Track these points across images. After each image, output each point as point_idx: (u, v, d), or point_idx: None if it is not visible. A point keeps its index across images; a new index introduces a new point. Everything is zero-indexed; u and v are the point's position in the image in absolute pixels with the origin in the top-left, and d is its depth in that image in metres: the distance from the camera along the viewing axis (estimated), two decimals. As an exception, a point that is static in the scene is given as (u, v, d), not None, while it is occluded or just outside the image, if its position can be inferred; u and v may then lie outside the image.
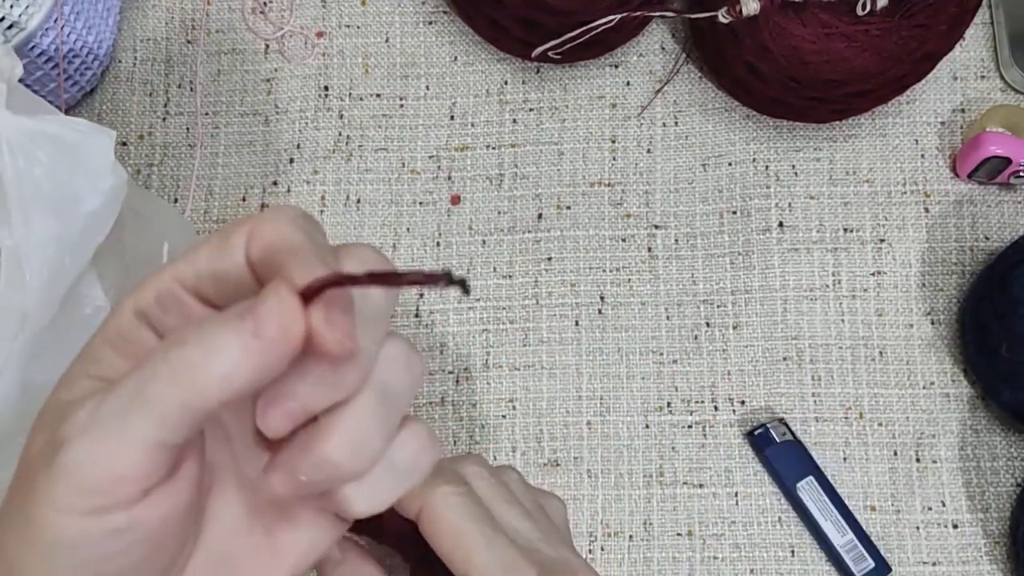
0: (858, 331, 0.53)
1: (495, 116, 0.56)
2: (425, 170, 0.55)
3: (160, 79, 0.56)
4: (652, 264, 0.54)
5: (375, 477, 0.26)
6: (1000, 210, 0.55)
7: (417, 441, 0.27)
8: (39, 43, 0.48)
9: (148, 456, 0.23)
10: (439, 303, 0.53)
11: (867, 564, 0.49)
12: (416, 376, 0.27)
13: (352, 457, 0.25)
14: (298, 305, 0.23)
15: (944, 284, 0.54)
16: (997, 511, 0.51)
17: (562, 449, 0.52)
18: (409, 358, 0.26)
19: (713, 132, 0.56)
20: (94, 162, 0.35)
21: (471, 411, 0.52)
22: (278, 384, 0.24)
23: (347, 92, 0.56)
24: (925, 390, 0.53)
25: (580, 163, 0.55)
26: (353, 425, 0.25)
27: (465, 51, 0.57)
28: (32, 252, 0.34)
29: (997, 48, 0.56)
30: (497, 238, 0.54)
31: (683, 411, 0.52)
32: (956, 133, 0.55)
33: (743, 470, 0.52)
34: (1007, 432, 0.52)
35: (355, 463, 0.25)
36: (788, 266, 0.54)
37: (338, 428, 0.25)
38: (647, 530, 0.51)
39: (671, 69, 0.56)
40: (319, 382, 0.24)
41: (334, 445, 0.24)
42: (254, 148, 0.55)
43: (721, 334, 0.53)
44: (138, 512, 0.24)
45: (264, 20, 0.57)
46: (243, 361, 0.23)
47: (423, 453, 0.27)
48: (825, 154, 0.55)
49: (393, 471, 0.27)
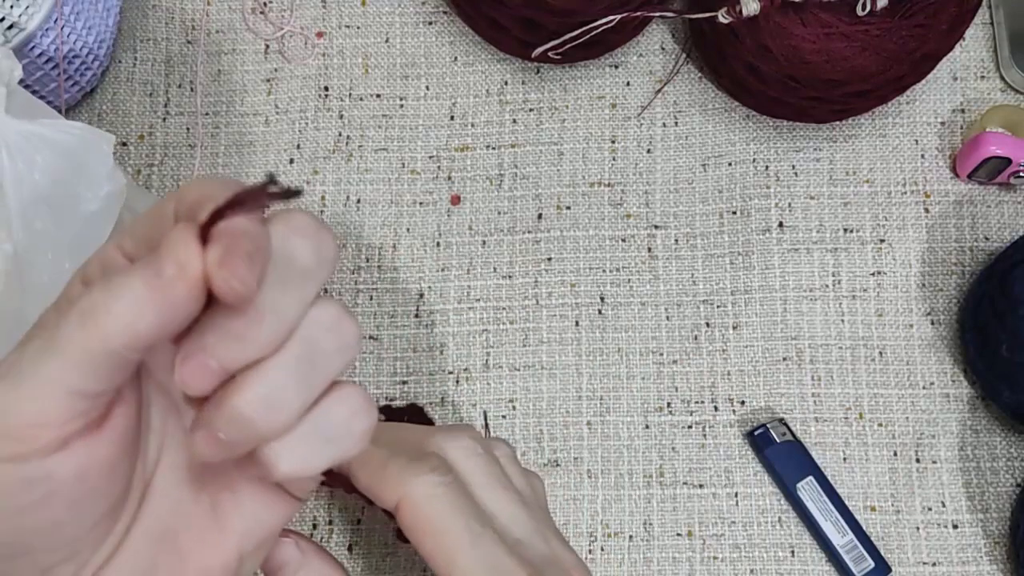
0: (858, 331, 0.53)
1: (495, 116, 0.56)
2: (425, 170, 0.55)
3: (160, 79, 0.56)
4: (652, 264, 0.54)
5: (299, 438, 0.26)
6: (1000, 210, 0.55)
7: (346, 404, 0.27)
8: (39, 44, 0.48)
9: (61, 402, 0.23)
10: (439, 303, 0.54)
11: (867, 564, 0.49)
12: (347, 340, 0.26)
13: (265, 412, 0.24)
14: (194, 242, 0.23)
15: (944, 284, 0.54)
16: (997, 511, 0.51)
17: (562, 449, 0.52)
18: (339, 321, 0.26)
19: (713, 132, 0.56)
20: (93, 165, 0.35)
21: (471, 411, 0.52)
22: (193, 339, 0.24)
23: (347, 92, 0.56)
24: (925, 390, 0.53)
25: (580, 163, 0.55)
26: (266, 380, 0.24)
27: (465, 51, 0.57)
28: (31, 256, 0.34)
29: (997, 48, 0.56)
30: (497, 238, 0.54)
31: (683, 411, 0.52)
32: (956, 133, 0.55)
33: (743, 470, 0.52)
34: (1007, 432, 0.52)
35: (269, 419, 0.25)
36: (788, 266, 0.54)
37: (250, 382, 0.24)
38: (647, 530, 0.51)
39: (671, 69, 0.56)
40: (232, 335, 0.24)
41: (245, 399, 0.24)
42: (254, 148, 0.55)
43: (721, 334, 0.53)
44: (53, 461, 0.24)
45: (264, 20, 0.57)
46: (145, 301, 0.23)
47: (355, 418, 0.27)
48: (825, 154, 0.55)
49: (321, 434, 0.26)
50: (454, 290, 0.54)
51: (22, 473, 0.23)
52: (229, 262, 0.22)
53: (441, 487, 0.33)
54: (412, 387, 0.52)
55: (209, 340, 0.24)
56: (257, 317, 0.24)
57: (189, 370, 0.24)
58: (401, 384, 0.53)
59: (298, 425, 0.26)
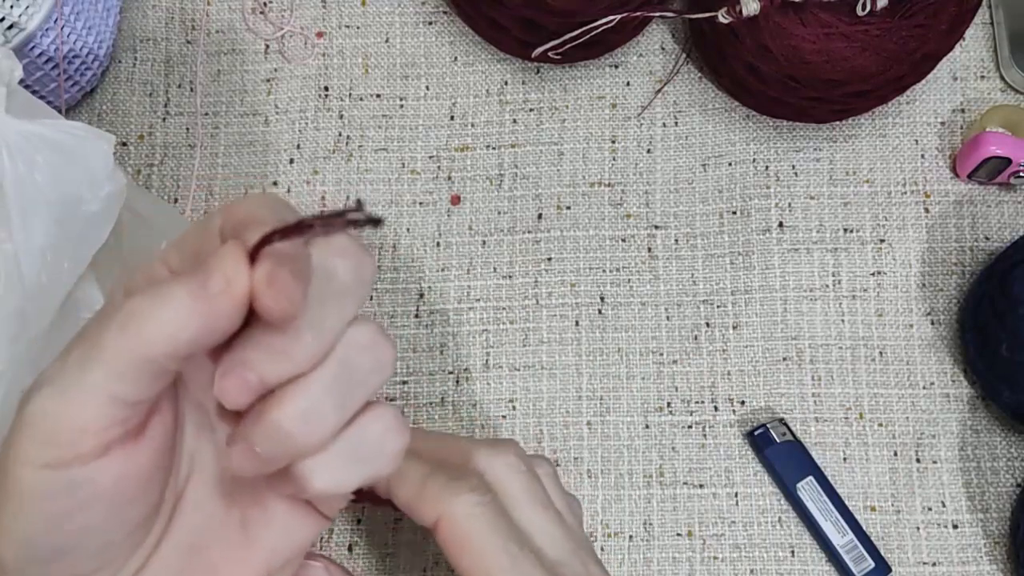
0: (858, 331, 0.53)
1: (495, 116, 0.56)
2: (425, 170, 0.55)
3: (160, 79, 0.56)
4: (652, 264, 0.54)
5: (335, 455, 0.26)
6: (1000, 210, 0.55)
7: (381, 423, 0.27)
8: (39, 44, 0.48)
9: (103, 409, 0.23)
10: (439, 303, 0.54)
11: (867, 564, 0.49)
12: (382, 361, 0.27)
13: (303, 427, 0.25)
14: (243, 260, 0.23)
15: (944, 284, 0.54)
16: (997, 511, 0.51)
17: (562, 449, 0.52)
18: (376, 341, 0.26)
19: (713, 132, 0.56)
20: (93, 166, 0.35)
21: (471, 411, 0.52)
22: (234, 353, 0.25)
23: (347, 92, 0.56)
24: (925, 390, 0.53)
25: (580, 163, 0.55)
26: (305, 395, 0.25)
27: (465, 51, 0.57)
28: (31, 256, 0.34)
29: (997, 48, 0.56)
30: (497, 238, 0.54)
31: (683, 411, 0.52)
32: (956, 133, 0.55)
33: (743, 470, 0.52)
34: (1007, 432, 0.52)
35: (306, 434, 0.25)
36: (788, 266, 0.54)
37: (290, 397, 0.25)
38: (647, 530, 0.51)
39: (671, 69, 0.56)
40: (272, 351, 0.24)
41: (284, 413, 0.25)
42: (254, 148, 0.55)
43: (721, 334, 0.53)
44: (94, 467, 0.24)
45: (264, 20, 0.57)
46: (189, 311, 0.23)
47: (388, 437, 0.27)
48: (825, 154, 0.55)
49: (354, 452, 0.26)
50: (454, 290, 0.54)
51: (65, 479, 0.24)
52: (277, 282, 0.23)
53: (480, 507, 0.33)
54: (412, 387, 0.52)
55: (250, 355, 0.24)
56: (298, 334, 0.24)
57: (229, 383, 0.24)
58: (401, 384, 0.53)
59: (333, 443, 0.26)
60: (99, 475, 0.24)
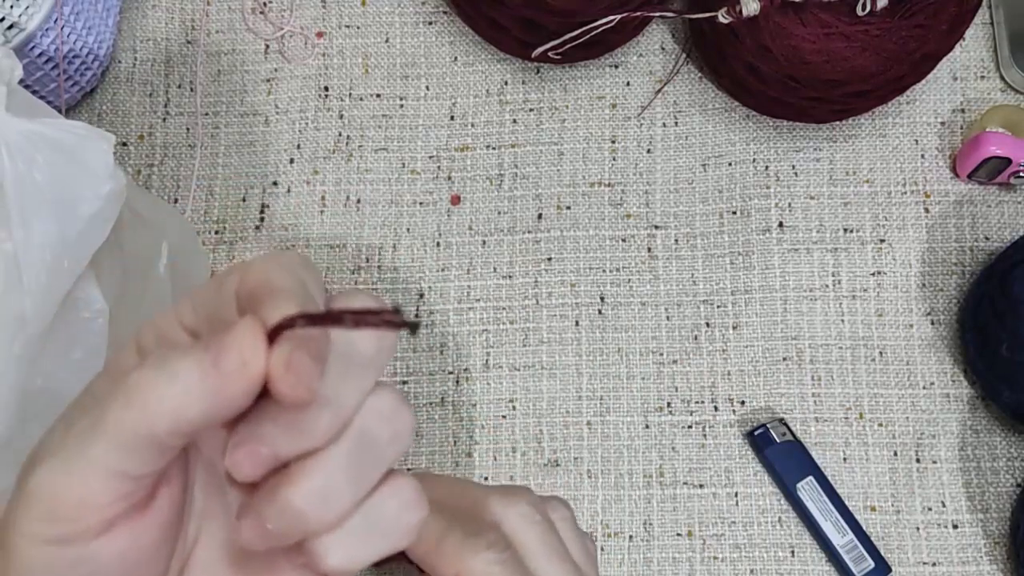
0: (858, 331, 0.53)
1: (495, 116, 0.56)
2: (425, 170, 0.55)
3: (160, 79, 0.56)
4: (652, 264, 0.54)
5: (350, 532, 0.25)
6: (1000, 210, 0.55)
7: (398, 498, 0.26)
8: (39, 43, 0.48)
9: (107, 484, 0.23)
10: (439, 303, 0.54)
11: (867, 564, 0.49)
12: (402, 430, 0.26)
13: (318, 506, 0.24)
14: (262, 341, 0.22)
15: (944, 284, 0.54)
16: (997, 511, 0.51)
17: (562, 449, 0.52)
18: (396, 410, 0.25)
19: (713, 132, 0.56)
20: (93, 165, 0.35)
21: (471, 411, 0.52)
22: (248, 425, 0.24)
23: (347, 92, 0.56)
24: (925, 390, 0.53)
25: (580, 163, 0.55)
26: (321, 473, 0.24)
27: (465, 51, 0.57)
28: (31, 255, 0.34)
29: (997, 48, 0.56)
30: (497, 238, 0.54)
31: (683, 411, 0.52)
32: (956, 133, 0.55)
33: (743, 470, 0.52)
34: (1007, 432, 0.52)
35: (321, 513, 0.24)
36: (788, 266, 0.54)
37: (305, 474, 0.24)
38: (647, 530, 0.51)
39: (671, 69, 0.56)
40: (288, 426, 0.23)
41: (299, 492, 0.23)
42: (254, 148, 0.55)
43: (721, 334, 0.53)
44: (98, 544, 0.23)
45: (264, 20, 0.57)
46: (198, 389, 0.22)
47: (405, 511, 0.26)
48: (825, 154, 0.55)
49: (371, 528, 0.25)
50: (454, 290, 0.54)
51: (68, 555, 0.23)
52: (296, 368, 0.22)
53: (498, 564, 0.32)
54: (412, 387, 0.52)
55: (264, 429, 0.23)
56: (315, 409, 0.23)
57: (241, 457, 0.23)
58: (401, 384, 0.53)
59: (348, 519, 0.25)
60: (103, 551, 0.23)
